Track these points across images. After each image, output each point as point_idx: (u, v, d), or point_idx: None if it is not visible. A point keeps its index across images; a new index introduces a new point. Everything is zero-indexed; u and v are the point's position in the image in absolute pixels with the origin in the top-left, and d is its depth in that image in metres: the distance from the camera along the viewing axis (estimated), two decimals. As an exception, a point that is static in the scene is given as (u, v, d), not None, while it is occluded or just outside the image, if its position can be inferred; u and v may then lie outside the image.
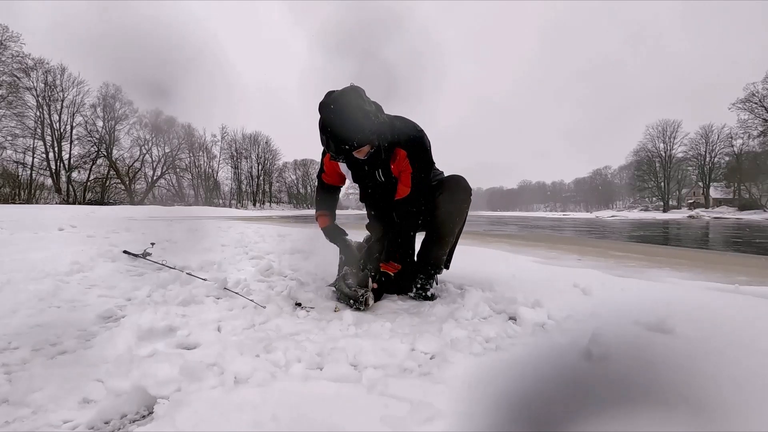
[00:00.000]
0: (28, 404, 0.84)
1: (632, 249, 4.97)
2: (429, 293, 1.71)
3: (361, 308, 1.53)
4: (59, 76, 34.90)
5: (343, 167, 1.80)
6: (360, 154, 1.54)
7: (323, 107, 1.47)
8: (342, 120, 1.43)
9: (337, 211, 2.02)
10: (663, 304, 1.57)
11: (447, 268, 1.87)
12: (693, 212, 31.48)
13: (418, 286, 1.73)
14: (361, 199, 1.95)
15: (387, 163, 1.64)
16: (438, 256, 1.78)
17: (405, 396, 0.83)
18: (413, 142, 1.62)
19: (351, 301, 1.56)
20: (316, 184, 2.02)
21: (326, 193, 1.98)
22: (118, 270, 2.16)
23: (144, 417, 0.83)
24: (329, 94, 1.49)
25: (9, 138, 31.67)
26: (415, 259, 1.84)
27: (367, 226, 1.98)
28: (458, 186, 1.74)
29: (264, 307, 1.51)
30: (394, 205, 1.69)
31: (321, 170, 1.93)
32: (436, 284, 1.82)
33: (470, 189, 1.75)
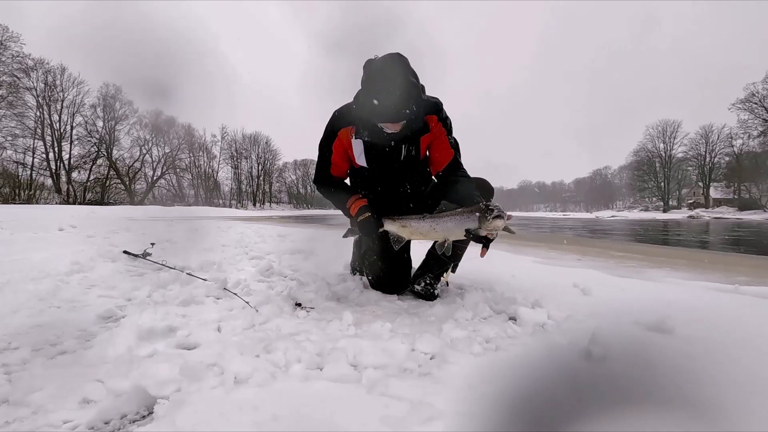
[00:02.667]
0: (28, 404, 0.84)
1: (632, 249, 4.97)
2: (436, 292, 1.72)
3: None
4: (59, 76, 34.92)
5: (357, 149, 1.64)
6: (396, 127, 1.48)
7: (385, 67, 1.36)
8: (407, 84, 1.35)
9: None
10: (663, 304, 1.57)
11: (454, 271, 1.86)
12: (693, 212, 31.47)
13: (427, 281, 1.73)
14: (362, 180, 1.80)
15: (418, 135, 1.60)
16: (457, 255, 1.79)
17: (405, 396, 0.82)
18: (438, 107, 1.62)
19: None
20: (320, 186, 1.77)
21: (341, 182, 1.75)
22: (118, 270, 2.16)
23: (144, 417, 0.83)
24: (372, 61, 1.40)
25: (9, 138, 31.68)
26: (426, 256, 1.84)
27: None
28: (484, 187, 1.78)
29: (257, 311, 1.47)
30: (445, 172, 1.66)
31: (327, 165, 1.71)
32: (447, 285, 1.83)
33: (493, 191, 1.80)
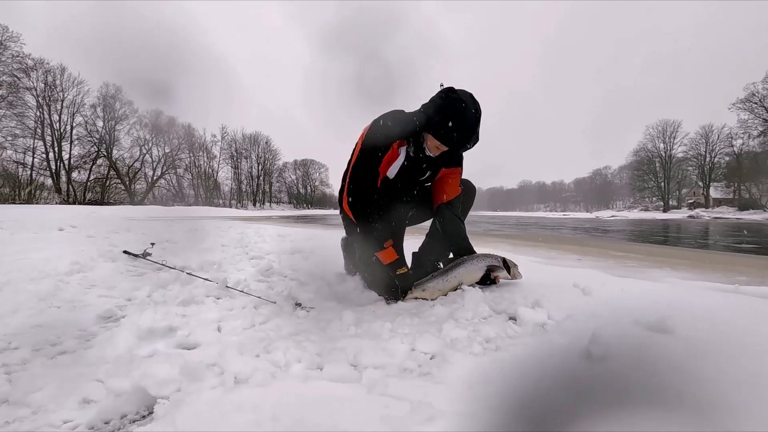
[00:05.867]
0: (28, 404, 0.84)
1: (632, 249, 4.97)
2: None
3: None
4: (59, 76, 34.86)
5: (399, 160, 1.66)
6: (437, 152, 1.61)
7: (469, 103, 1.50)
8: (477, 125, 1.53)
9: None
10: (663, 304, 1.57)
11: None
12: (693, 212, 31.45)
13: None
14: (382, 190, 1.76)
15: (443, 165, 1.74)
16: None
17: (405, 396, 0.82)
18: None
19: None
20: (363, 205, 1.63)
21: (381, 205, 1.66)
22: (118, 270, 2.16)
23: (144, 417, 0.83)
24: (454, 91, 1.51)
25: (9, 138, 31.63)
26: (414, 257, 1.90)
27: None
28: (469, 189, 1.93)
29: (274, 302, 1.57)
30: (448, 204, 1.79)
31: (374, 177, 1.64)
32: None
33: (475, 191, 1.97)
